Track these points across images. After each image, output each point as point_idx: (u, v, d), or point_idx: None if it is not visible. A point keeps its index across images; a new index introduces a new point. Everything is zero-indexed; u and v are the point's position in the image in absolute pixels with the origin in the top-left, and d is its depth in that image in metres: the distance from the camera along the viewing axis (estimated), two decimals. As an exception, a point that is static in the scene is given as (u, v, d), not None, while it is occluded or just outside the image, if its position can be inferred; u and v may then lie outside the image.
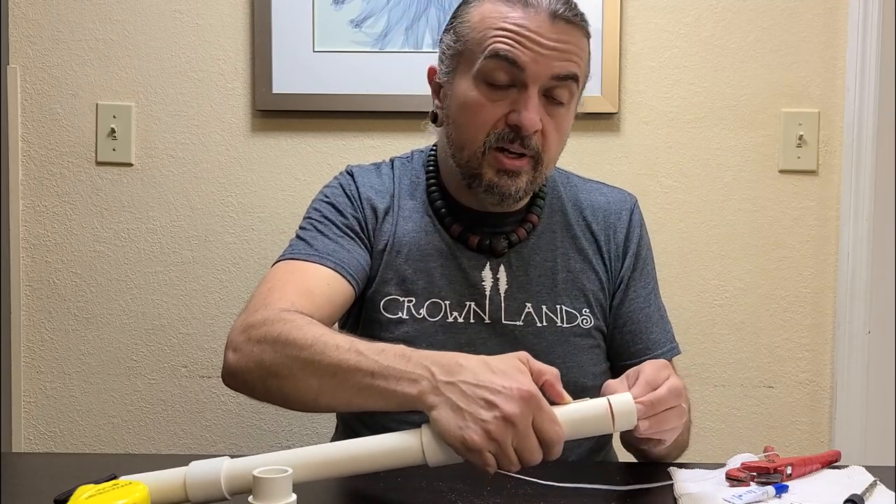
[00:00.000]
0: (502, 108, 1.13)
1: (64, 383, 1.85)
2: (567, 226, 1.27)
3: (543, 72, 1.11)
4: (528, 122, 1.11)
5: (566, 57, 1.12)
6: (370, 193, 1.25)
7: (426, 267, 1.21)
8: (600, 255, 1.27)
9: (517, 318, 1.21)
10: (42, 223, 1.83)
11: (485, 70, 1.13)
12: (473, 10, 1.16)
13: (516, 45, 1.11)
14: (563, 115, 1.16)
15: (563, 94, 1.14)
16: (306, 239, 1.19)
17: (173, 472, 0.88)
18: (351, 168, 1.30)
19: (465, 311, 1.20)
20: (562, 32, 1.12)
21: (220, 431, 1.85)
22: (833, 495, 0.95)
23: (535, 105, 1.12)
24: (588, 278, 1.25)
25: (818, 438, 1.83)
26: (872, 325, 1.80)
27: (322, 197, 1.26)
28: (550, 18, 1.11)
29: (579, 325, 1.22)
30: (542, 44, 1.11)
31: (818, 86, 1.79)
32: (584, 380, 1.21)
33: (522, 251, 1.23)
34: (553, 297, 1.22)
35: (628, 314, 1.27)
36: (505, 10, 1.12)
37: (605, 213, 1.29)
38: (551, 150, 1.16)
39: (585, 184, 1.33)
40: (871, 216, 1.77)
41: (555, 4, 1.12)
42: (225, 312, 1.82)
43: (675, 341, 1.31)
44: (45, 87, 1.82)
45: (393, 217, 1.24)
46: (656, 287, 1.32)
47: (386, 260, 1.21)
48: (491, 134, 1.14)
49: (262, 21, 1.78)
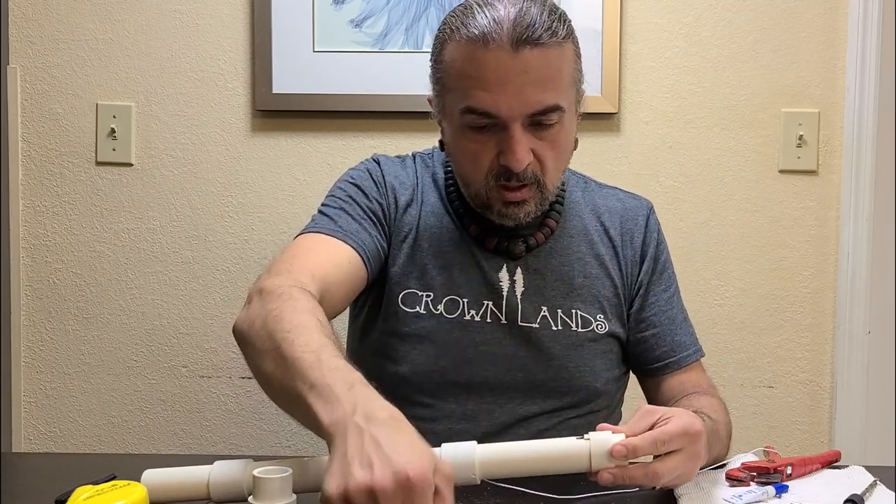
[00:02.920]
0: (491, 148, 1.12)
1: (64, 383, 1.85)
2: (584, 231, 1.27)
3: (518, 111, 1.09)
4: (516, 163, 1.11)
5: (540, 89, 1.09)
6: (395, 183, 1.25)
7: (446, 263, 1.21)
8: (617, 261, 1.27)
9: (533, 320, 1.21)
10: (42, 223, 1.83)
11: (465, 122, 1.12)
12: (445, 49, 1.14)
13: (486, 94, 1.09)
14: (556, 133, 1.14)
15: (550, 118, 1.12)
16: (330, 216, 1.19)
17: (197, 470, 0.90)
18: (377, 156, 1.30)
19: (482, 311, 1.20)
20: (530, 60, 1.08)
21: (220, 431, 1.85)
22: (833, 495, 0.95)
23: (519, 142, 1.10)
24: (603, 284, 1.25)
25: (818, 438, 1.83)
26: (872, 325, 1.80)
27: (348, 178, 1.26)
28: (514, 48, 1.07)
29: (594, 330, 1.23)
30: (510, 81, 1.08)
31: (818, 86, 1.79)
32: (596, 384, 1.23)
33: (539, 255, 1.23)
34: (569, 302, 1.23)
35: (650, 318, 1.27)
36: (470, 52, 1.09)
37: (623, 218, 1.29)
38: (551, 170, 1.15)
39: (602, 189, 1.33)
40: (871, 216, 1.77)
41: (517, 29, 1.07)
42: (225, 312, 1.82)
43: (698, 344, 1.31)
44: (45, 87, 1.82)
45: (416, 209, 1.24)
46: (678, 291, 1.33)
47: (408, 252, 1.22)
48: (489, 176, 1.14)
49: (262, 21, 1.77)
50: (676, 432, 0.92)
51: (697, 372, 1.29)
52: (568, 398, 1.22)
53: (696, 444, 0.93)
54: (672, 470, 0.92)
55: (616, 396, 1.30)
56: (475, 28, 1.09)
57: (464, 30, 1.10)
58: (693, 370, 1.28)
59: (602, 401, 1.25)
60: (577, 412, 1.22)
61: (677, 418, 0.93)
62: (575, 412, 1.22)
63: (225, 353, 1.83)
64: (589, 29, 1.75)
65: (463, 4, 1.14)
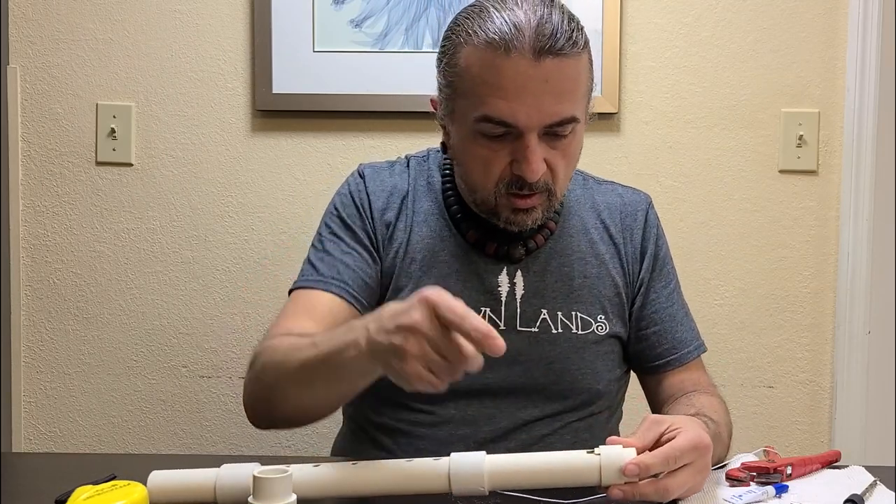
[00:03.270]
0: (504, 157, 1.10)
1: (64, 383, 1.85)
2: (584, 230, 1.26)
3: (536, 121, 1.08)
4: (531, 174, 1.09)
5: (558, 99, 1.08)
6: (381, 200, 1.23)
7: (441, 272, 1.20)
8: (618, 258, 1.26)
9: (532, 324, 1.21)
10: (42, 223, 1.83)
11: (479, 129, 1.10)
12: (459, 52, 1.10)
13: (504, 103, 1.07)
14: (568, 143, 1.12)
15: (565, 129, 1.10)
16: (314, 263, 1.21)
17: (203, 473, 0.90)
18: (363, 169, 1.28)
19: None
20: (551, 70, 1.06)
21: (220, 431, 1.85)
22: (833, 495, 0.95)
23: (534, 152, 1.08)
24: (604, 284, 1.24)
25: (818, 438, 1.83)
26: (872, 325, 1.80)
27: (332, 209, 1.26)
28: (535, 57, 1.05)
29: (594, 332, 1.22)
30: (530, 91, 1.06)
31: (818, 86, 1.79)
32: (598, 386, 1.22)
33: (539, 256, 1.22)
34: (569, 304, 1.22)
35: (651, 316, 1.26)
36: (489, 58, 1.06)
37: (623, 214, 1.28)
38: (561, 178, 1.14)
39: (601, 185, 1.32)
40: (871, 216, 1.77)
41: (539, 38, 1.05)
42: (225, 312, 1.82)
43: (700, 339, 1.29)
44: (45, 87, 1.82)
45: (406, 222, 1.23)
46: (678, 286, 1.31)
47: (400, 267, 1.21)
48: (500, 184, 1.12)
49: (262, 21, 1.77)
50: (687, 447, 0.91)
51: (698, 369, 1.28)
52: (569, 401, 1.21)
53: (705, 457, 0.93)
54: (682, 485, 0.91)
55: (617, 397, 1.29)
56: (495, 33, 1.06)
57: (482, 34, 1.07)
58: (694, 368, 1.27)
59: (603, 402, 1.24)
60: (579, 415, 1.22)
61: (686, 432, 0.92)
62: (577, 415, 1.22)
63: (225, 353, 1.83)
64: (589, 29, 1.69)
65: (476, 5, 1.11)
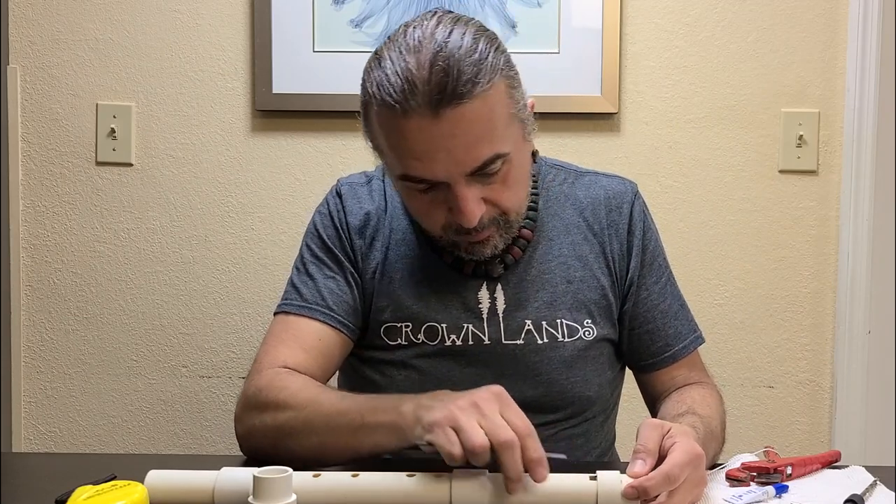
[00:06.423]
0: (440, 204, 1.07)
1: (64, 383, 1.85)
2: (566, 231, 1.20)
3: (456, 172, 1.02)
4: (467, 222, 1.05)
5: (472, 146, 1.01)
6: (357, 218, 1.21)
7: (420, 292, 1.18)
8: (603, 258, 1.21)
9: (517, 337, 1.17)
10: (42, 223, 1.83)
11: (407, 186, 1.08)
12: (370, 111, 1.07)
13: (418, 162, 1.02)
14: (504, 175, 1.06)
15: (493, 168, 1.04)
16: (298, 287, 1.20)
17: (202, 475, 0.90)
18: (341, 186, 1.26)
19: (462, 334, 1.16)
20: (454, 121, 0.99)
21: (220, 431, 1.85)
22: (833, 495, 0.95)
23: (465, 199, 1.03)
24: (589, 287, 1.19)
25: (818, 438, 1.83)
26: (872, 325, 1.80)
27: (313, 228, 1.24)
28: (434, 113, 0.98)
29: (581, 338, 1.18)
30: (439, 147, 1.00)
31: (818, 86, 1.79)
32: (589, 393, 1.19)
33: (518, 267, 1.18)
34: (552, 312, 1.17)
35: (643, 315, 1.22)
36: (391, 121, 1.02)
37: (607, 208, 1.21)
38: (510, 205, 1.09)
39: (582, 177, 1.25)
40: (871, 216, 1.77)
41: (435, 90, 0.98)
42: (225, 312, 1.82)
43: (697, 330, 1.25)
44: (45, 87, 1.82)
45: (383, 240, 1.20)
46: (671, 277, 1.26)
47: (378, 287, 1.19)
48: (446, 230, 1.10)
49: (262, 21, 1.78)
50: (685, 462, 0.88)
51: (692, 363, 1.24)
52: (562, 412, 1.18)
53: (699, 468, 0.91)
54: (681, 502, 0.89)
55: (612, 398, 1.26)
56: (389, 94, 1.01)
57: (380, 94, 1.02)
58: (688, 361, 1.24)
59: (597, 407, 1.21)
60: (573, 422, 1.19)
61: (680, 445, 0.89)
62: (571, 423, 1.19)
63: (225, 353, 1.83)
64: (589, 29, 1.75)
65: (377, 53, 1.07)
